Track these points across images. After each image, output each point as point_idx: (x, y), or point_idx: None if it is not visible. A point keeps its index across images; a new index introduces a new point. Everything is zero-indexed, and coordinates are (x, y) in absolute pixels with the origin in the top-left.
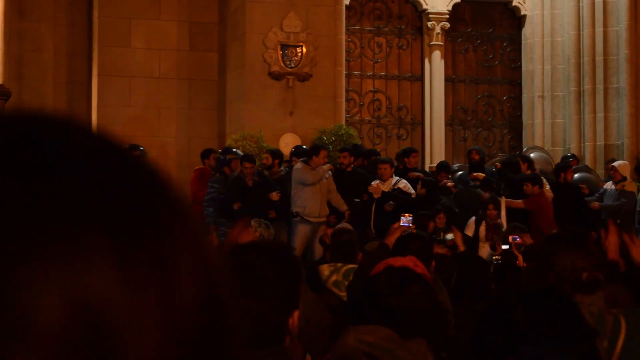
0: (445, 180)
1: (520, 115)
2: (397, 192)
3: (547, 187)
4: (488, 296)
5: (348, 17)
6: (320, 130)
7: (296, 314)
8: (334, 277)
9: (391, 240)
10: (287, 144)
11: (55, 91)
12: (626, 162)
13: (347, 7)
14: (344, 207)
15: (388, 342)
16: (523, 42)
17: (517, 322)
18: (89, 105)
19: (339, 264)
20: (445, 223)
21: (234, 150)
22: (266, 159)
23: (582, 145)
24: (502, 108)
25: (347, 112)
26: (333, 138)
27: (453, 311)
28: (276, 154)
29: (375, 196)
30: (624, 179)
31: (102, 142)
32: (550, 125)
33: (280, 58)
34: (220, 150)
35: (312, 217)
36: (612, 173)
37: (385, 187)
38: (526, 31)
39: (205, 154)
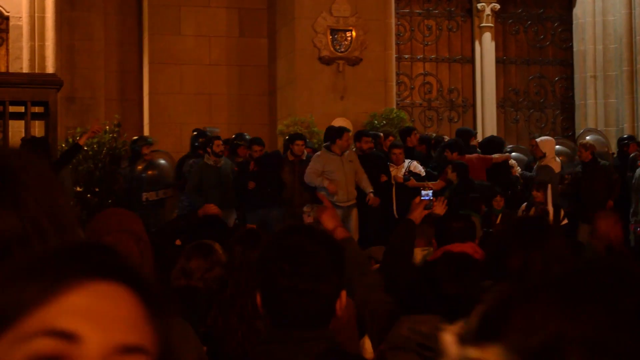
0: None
1: (573, 96)
2: (411, 175)
3: (518, 169)
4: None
5: (397, 1)
6: (371, 114)
7: (344, 294)
8: None
9: (415, 215)
10: None
11: (107, 80)
12: (549, 138)
13: None
14: (369, 188)
15: None
16: (574, 22)
17: None
18: (140, 94)
19: None
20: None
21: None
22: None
23: (635, 125)
24: (554, 89)
25: (398, 95)
26: (384, 122)
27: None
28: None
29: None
30: (544, 155)
31: None
32: (602, 106)
33: (330, 43)
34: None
35: (342, 203)
36: (533, 149)
37: (399, 172)
38: (577, 11)
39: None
